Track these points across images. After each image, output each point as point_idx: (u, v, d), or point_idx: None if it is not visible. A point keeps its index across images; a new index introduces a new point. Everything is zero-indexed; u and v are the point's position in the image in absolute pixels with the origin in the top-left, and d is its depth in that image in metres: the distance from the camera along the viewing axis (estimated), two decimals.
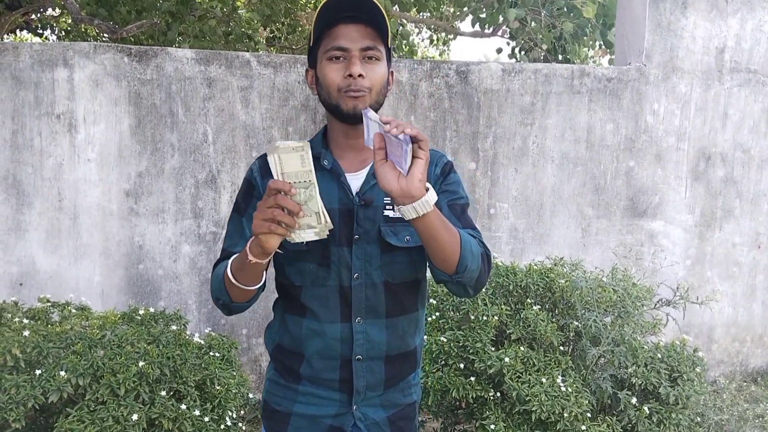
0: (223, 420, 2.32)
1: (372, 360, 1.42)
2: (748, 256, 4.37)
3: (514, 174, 3.89)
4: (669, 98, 4.06)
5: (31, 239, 3.28)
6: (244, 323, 3.61)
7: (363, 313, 1.40)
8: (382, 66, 1.37)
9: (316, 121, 3.57)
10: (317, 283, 1.40)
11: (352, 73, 1.31)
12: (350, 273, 1.38)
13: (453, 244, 1.25)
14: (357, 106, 1.32)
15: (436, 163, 1.46)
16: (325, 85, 1.35)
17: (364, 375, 1.42)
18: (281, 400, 1.48)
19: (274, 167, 1.13)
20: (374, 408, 1.46)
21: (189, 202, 3.45)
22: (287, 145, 1.11)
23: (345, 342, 1.40)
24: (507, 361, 2.52)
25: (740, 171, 4.26)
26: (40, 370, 2.12)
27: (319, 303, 1.40)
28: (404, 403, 1.50)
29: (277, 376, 1.50)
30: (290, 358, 1.46)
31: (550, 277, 2.92)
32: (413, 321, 1.47)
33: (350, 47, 1.32)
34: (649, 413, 2.65)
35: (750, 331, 4.47)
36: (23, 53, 3.19)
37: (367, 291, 1.39)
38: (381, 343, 1.42)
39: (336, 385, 1.43)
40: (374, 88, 1.35)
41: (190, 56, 3.41)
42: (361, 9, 1.31)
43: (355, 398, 1.43)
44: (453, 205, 1.43)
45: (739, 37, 4.14)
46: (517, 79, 3.83)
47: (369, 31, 1.33)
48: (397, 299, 1.42)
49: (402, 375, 1.48)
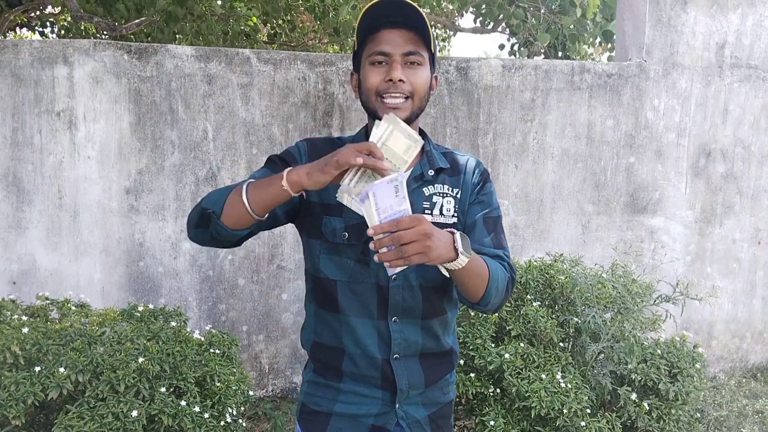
0: (223, 417, 2.32)
1: (408, 358, 1.43)
2: (748, 252, 4.36)
3: (514, 170, 3.89)
4: (669, 94, 4.05)
5: (31, 237, 3.28)
6: (245, 320, 3.62)
7: (399, 313, 1.41)
8: (425, 71, 1.37)
9: (316, 118, 3.57)
10: (355, 279, 1.40)
11: (392, 77, 1.33)
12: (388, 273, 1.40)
13: (480, 286, 1.31)
14: (397, 116, 1.33)
15: (475, 171, 1.48)
16: (366, 88, 1.37)
17: (404, 373, 1.43)
18: (321, 400, 1.47)
19: (380, 133, 1.13)
20: (416, 406, 1.47)
21: (189, 200, 3.45)
22: (406, 129, 1.13)
23: (382, 340, 1.41)
24: (507, 357, 2.53)
25: (740, 167, 4.26)
26: (40, 367, 2.12)
27: (356, 299, 1.41)
28: (443, 401, 1.52)
29: (316, 377, 1.49)
30: (330, 354, 1.46)
31: (550, 273, 2.92)
32: (444, 322, 1.49)
33: (392, 52, 1.33)
34: (649, 409, 2.65)
35: (750, 327, 4.47)
36: (23, 51, 3.19)
37: (404, 292, 1.40)
38: (417, 343, 1.44)
39: (378, 383, 1.43)
40: (416, 94, 1.36)
41: (189, 53, 3.40)
42: (403, 14, 1.32)
43: (399, 396, 1.43)
44: (487, 218, 1.45)
45: (740, 33, 4.13)
46: (517, 75, 3.83)
47: (412, 36, 1.34)
48: (431, 302, 1.44)
49: (441, 374, 1.50)
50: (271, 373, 3.71)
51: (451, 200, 1.43)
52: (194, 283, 3.53)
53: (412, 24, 1.34)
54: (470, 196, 1.45)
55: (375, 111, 1.36)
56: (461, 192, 1.45)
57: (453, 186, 1.44)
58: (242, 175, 3.49)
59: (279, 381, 3.73)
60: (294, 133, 3.55)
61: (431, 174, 1.43)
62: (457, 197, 1.44)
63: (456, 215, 1.43)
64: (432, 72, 1.41)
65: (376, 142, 1.15)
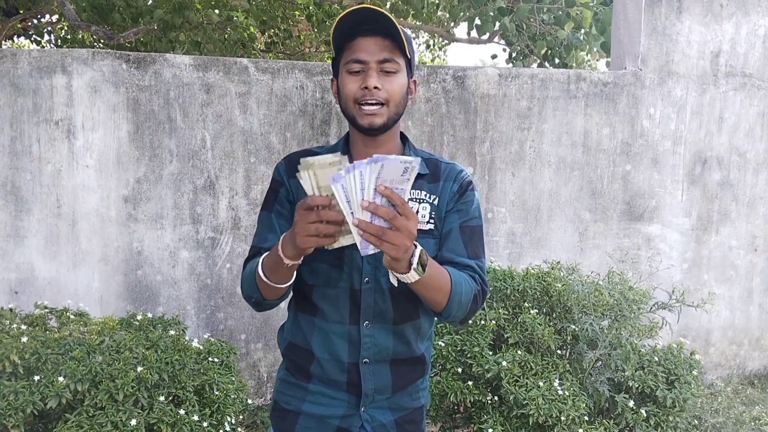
0: (221, 425, 2.32)
1: (378, 363, 1.45)
2: (745, 259, 4.38)
3: (511, 178, 3.90)
4: (665, 102, 4.08)
5: (29, 246, 3.28)
6: (243, 328, 3.62)
7: (371, 317, 1.43)
8: (401, 77, 1.40)
9: (314, 126, 3.59)
10: (329, 284, 1.43)
11: (367, 85, 1.36)
12: (361, 276, 1.42)
13: (439, 299, 1.33)
14: (374, 122, 1.38)
15: (455, 179, 1.49)
16: (344, 96, 1.41)
17: (371, 378, 1.45)
18: (291, 399, 1.51)
19: (309, 182, 1.14)
20: (382, 410, 1.48)
21: (187, 208, 3.46)
22: (324, 161, 1.12)
23: (353, 344, 1.43)
24: (504, 364, 2.53)
25: (736, 174, 4.28)
26: (39, 376, 2.12)
27: (329, 303, 1.43)
28: (412, 406, 1.53)
29: (288, 375, 1.53)
30: (301, 356, 1.49)
31: (547, 281, 2.93)
32: (416, 328, 1.49)
33: (368, 59, 1.37)
34: (647, 416, 2.66)
35: (747, 334, 4.49)
36: (21, 60, 3.20)
37: (376, 296, 1.43)
38: (387, 348, 1.45)
39: (344, 387, 1.45)
40: (392, 100, 1.39)
41: (188, 62, 3.42)
42: (378, 22, 1.35)
43: (364, 400, 1.46)
44: (464, 227, 1.46)
45: (734, 42, 4.17)
46: (513, 83, 3.85)
47: (387, 43, 1.37)
48: (402, 306, 1.45)
49: (410, 379, 1.51)
50: (270, 382, 3.71)
51: (428, 206, 1.45)
52: (192, 291, 3.53)
53: (386, 32, 1.36)
54: (448, 204, 1.46)
55: (353, 117, 1.40)
56: (438, 199, 1.46)
57: (431, 192, 1.46)
58: (241, 184, 3.51)
59: None
60: (292, 141, 3.57)
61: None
62: (434, 204, 1.45)
63: (432, 221, 1.45)
64: (410, 76, 1.44)
65: (313, 193, 1.15)
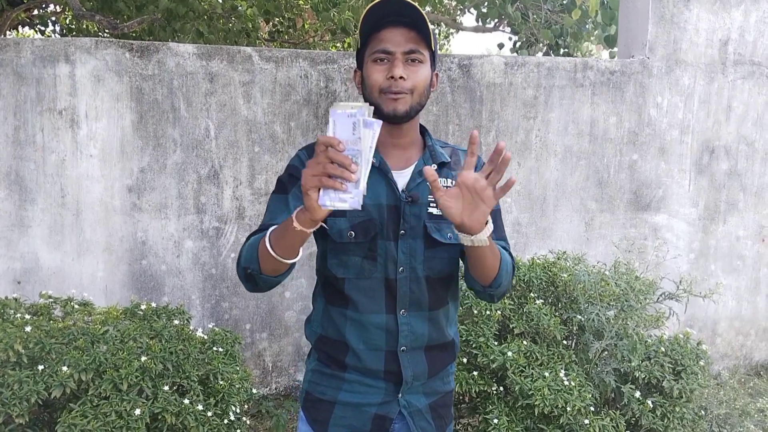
0: (226, 415, 2.32)
1: (414, 350, 1.47)
2: (752, 249, 4.35)
3: (517, 168, 3.88)
4: (672, 91, 4.04)
5: (34, 235, 3.28)
6: (248, 318, 3.62)
7: (407, 305, 1.45)
8: (425, 68, 1.41)
9: (318, 115, 3.57)
10: (362, 275, 1.43)
11: (393, 75, 1.37)
12: (396, 266, 1.43)
13: (494, 267, 1.37)
14: (397, 108, 1.38)
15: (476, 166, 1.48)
16: (369, 85, 1.41)
17: (410, 365, 1.47)
18: (326, 389, 1.50)
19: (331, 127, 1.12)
20: (417, 396, 1.50)
21: (191, 198, 3.45)
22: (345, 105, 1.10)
23: (390, 333, 1.45)
24: (510, 355, 2.52)
25: (744, 164, 4.24)
26: (43, 366, 2.12)
27: (364, 294, 1.44)
28: (444, 390, 1.56)
29: (322, 366, 1.52)
30: (335, 348, 1.49)
31: (553, 271, 2.91)
32: (446, 313, 1.53)
33: (394, 50, 1.38)
34: (653, 407, 2.64)
35: (754, 324, 4.46)
36: (25, 49, 3.19)
37: (411, 284, 1.44)
38: (423, 334, 1.48)
39: (381, 375, 1.46)
40: (416, 90, 1.40)
41: (191, 51, 3.40)
42: (405, 13, 1.36)
43: (403, 387, 1.47)
44: None
45: (743, 30, 4.12)
46: (519, 72, 3.82)
47: (413, 34, 1.38)
48: (436, 293, 1.48)
49: (443, 364, 1.54)
50: (275, 371, 3.71)
51: None
52: (197, 281, 3.53)
53: (413, 23, 1.38)
54: None
55: (378, 105, 1.40)
56: None
57: (455, 179, 1.46)
58: (245, 174, 3.49)
59: (282, 379, 3.73)
60: (296, 131, 3.55)
61: (434, 168, 1.45)
62: None
63: None
64: (433, 69, 1.46)
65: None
